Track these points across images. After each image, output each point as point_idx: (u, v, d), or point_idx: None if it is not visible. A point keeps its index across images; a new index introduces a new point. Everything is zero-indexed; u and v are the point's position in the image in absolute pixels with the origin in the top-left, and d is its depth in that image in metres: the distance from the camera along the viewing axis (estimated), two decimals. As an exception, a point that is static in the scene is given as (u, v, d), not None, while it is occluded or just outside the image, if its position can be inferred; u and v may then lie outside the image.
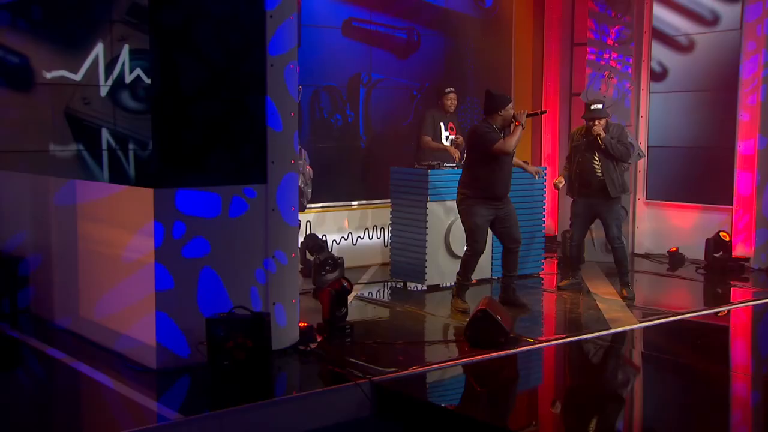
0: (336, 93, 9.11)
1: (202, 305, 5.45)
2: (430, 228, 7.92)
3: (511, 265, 7.32)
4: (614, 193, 7.69)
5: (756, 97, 9.00)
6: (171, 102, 5.32)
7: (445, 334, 6.68)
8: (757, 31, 9.00)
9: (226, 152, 5.54)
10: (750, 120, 9.07)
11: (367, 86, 9.34)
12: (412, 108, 9.64)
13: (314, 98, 8.95)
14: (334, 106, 9.11)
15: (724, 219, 9.39)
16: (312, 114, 8.94)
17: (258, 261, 5.67)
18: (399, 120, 9.60)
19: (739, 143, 9.18)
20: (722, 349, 6.66)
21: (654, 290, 8.54)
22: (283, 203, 5.76)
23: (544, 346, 6.27)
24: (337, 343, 6.09)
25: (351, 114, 9.23)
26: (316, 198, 8.44)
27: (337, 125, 9.14)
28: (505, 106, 7.03)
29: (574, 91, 10.67)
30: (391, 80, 9.49)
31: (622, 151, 7.71)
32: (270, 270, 5.72)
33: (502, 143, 6.90)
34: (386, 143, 9.47)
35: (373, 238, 9.32)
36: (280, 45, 5.69)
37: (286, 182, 5.78)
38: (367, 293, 7.96)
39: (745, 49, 9.10)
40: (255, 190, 5.63)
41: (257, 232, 5.65)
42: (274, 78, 5.66)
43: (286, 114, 5.76)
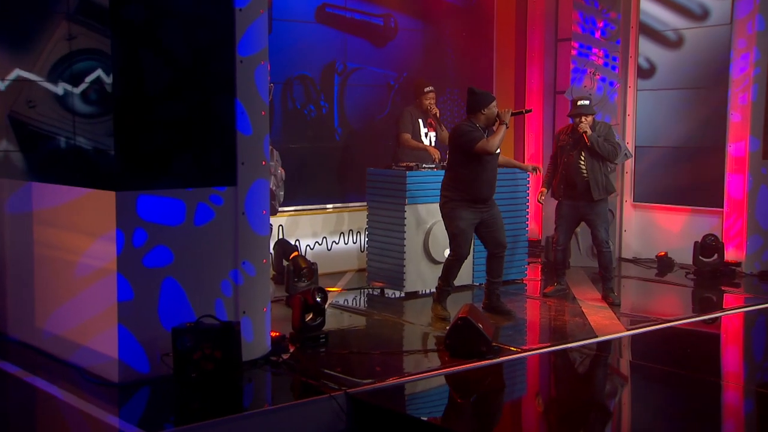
0: (309, 82, 9.07)
1: (163, 318, 5.40)
2: (409, 232, 7.91)
3: (495, 271, 7.33)
4: (597, 195, 7.75)
5: (747, 96, 9.06)
6: (134, 102, 5.28)
7: (424, 343, 6.67)
8: (747, 28, 9.06)
9: (192, 156, 5.52)
10: (741, 121, 9.13)
11: (342, 75, 9.30)
12: (390, 99, 9.64)
13: (286, 88, 8.89)
14: (308, 97, 9.07)
15: (715, 222, 9.46)
16: (284, 105, 8.89)
17: (224, 272, 5.64)
18: (376, 111, 9.59)
19: (729, 145, 9.24)
20: (713, 358, 6.69)
21: (642, 296, 8.58)
22: (253, 210, 5.74)
23: (528, 355, 6.27)
24: (310, 354, 6.07)
25: (325, 105, 9.20)
26: (288, 200, 8.41)
27: (310, 116, 9.10)
28: (489, 104, 7.04)
29: (559, 89, 10.71)
30: (367, 69, 9.47)
31: (609, 150, 7.76)
32: (237, 282, 5.68)
33: (485, 143, 6.91)
34: (362, 136, 9.46)
35: (348, 243, 9.30)
36: (250, 44, 5.67)
37: (256, 188, 5.76)
38: (343, 301, 7.94)
39: (735, 47, 9.16)
40: (222, 197, 5.61)
41: (224, 241, 5.62)
42: (243, 79, 5.64)
43: (257, 117, 5.73)
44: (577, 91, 9.64)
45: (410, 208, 7.93)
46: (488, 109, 7.04)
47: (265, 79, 5.80)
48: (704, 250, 9.00)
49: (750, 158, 9.08)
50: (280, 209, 8.18)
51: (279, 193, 7.58)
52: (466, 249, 7.16)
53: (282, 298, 7.57)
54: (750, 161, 9.08)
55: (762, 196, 9.18)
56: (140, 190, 5.32)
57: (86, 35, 5.56)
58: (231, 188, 5.65)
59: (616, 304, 7.72)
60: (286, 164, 8.15)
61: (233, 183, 5.65)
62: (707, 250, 8.98)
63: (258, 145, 5.76)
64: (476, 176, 7.00)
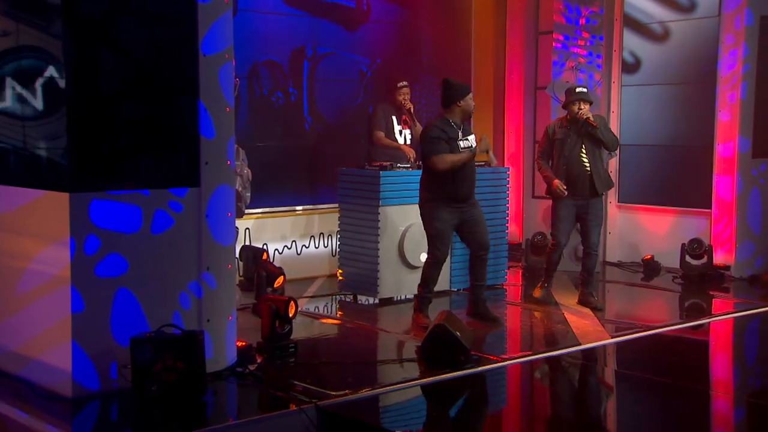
0: (277, 68, 9.03)
1: (116, 331, 5.34)
2: (383, 235, 7.91)
3: (479, 274, 7.33)
4: (601, 189, 7.76)
5: (736, 95, 9.11)
6: (88, 102, 5.23)
7: (399, 353, 6.67)
8: (735, 23, 9.11)
9: (151, 159, 5.47)
10: (730, 120, 9.17)
11: (312, 60, 9.26)
12: (362, 86, 9.63)
13: (253, 74, 8.84)
14: (275, 83, 9.02)
15: (703, 224, 9.52)
16: (251, 91, 8.85)
17: (183, 283, 5.60)
18: (348, 99, 9.57)
19: (717, 145, 9.29)
20: (702, 366, 6.73)
21: (627, 302, 8.62)
22: (216, 216, 5.70)
23: (508, 364, 6.28)
24: (279, 364, 6.04)
25: (294, 92, 9.16)
26: (255, 202, 8.37)
27: (278, 104, 9.06)
28: (464, 96, 7.06)
29: (540, 84, 10.74)
30: (338, 55, 9.45)
31: (612, 139, 7.82)
32: (196, 294, 5.64)
33: (438, 159, 6.90)
34: (333, 125, 9.44)
35: (319, 247, 9.28)
36: (214, 41, 5.64)
37: (219, 194, 5.72)
38: (313, 308, 7.92)
39: (723, 43, 9.20)
40: (182, 203, 5.56)
41: (183, 250, 5.58)
42: (207, 78, 5.61)
43: (221, 118, 5.70)
44: (558, 86, 9.67)
45: (384, 210, 7.92)
46: (464, 101, 7.06)
47: (231, 79, 5.77)
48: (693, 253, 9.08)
49: (739, 159, 9.13)
50: (246, 211, 8.14)
51: (245, 194, 7.55)
52: (444, 251, 7.16)
53: (249, 306, 7.52)
54: (739, 162, 9.13)
55: (753, 199, 9.23)
56: (95, 194, 5.24)
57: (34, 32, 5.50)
58: (192, 193, 5.60)
59: (599, 309, 7.75)
60: (252, 163, 8.11)
61: (195, 186, 5.60)
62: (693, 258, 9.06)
63: (222, 148, 5.73)
64: (453, 174, 7.00)
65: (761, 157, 9.23)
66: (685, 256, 9.11)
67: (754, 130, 9.15)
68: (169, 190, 5.53)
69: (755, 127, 9.16)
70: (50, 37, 5.32)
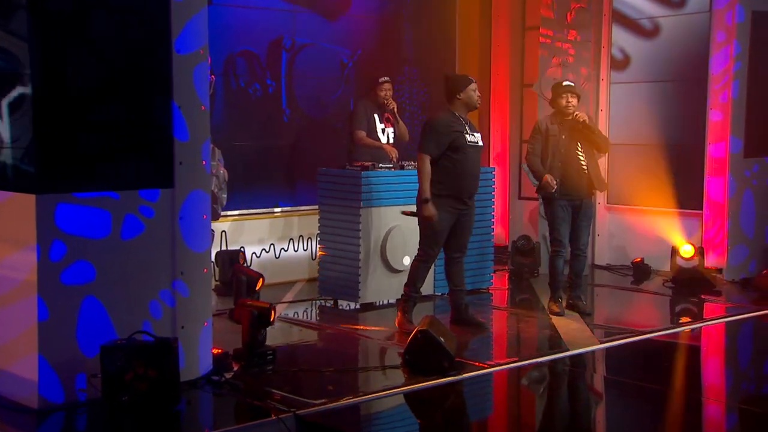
0: (254, 59, 8.99)
1: (82, 341, 5.29)
2: (364, 238, 7.89)
3: (459, 278, 7.32)
4: (601, 187, 7.73)
5: (727, 94, 9.12)
6: (56, 101, 5.19)
7: (381, 360, 6.67)
8: (726, 19, 9.11)
9: (122, 161, 5.44)
10: (721, 119, 9.18)
11: (291, 52, 9.23)
12: (343, 78, 9.60)
13: (228, 65, 8.79)
14: (252, 74, 8.98)
15: (694, 226, 9.54)
16: (226, 83, 8.80)
17: (153, 291, 5.56)
18: (328, 92, 9.54)
19: (709, 145, 9.29)
20: (693, 372, 6.75)
21: (616, 306, 8.64)
22: (189, 223, 5.66)
23: (494, 371, 6.27)
24: (256, 372, 6.02)
25: (272, 83, 9.13)
26: (231, 203, 8.32)
27: (255, 96, 9.02)
28: (464, 87, 7.09)
29: (526, 81, 10.75)
30: (318, 46, 9.42)
31: (604, 138, 7.81)
32: (168, 303, 5.60)
33: (423, 159, 6.91)
34: (313, 119, 9.41)
35: (298, 250, 9.25)
36: (189, 40, 5.61)
37: (193, 199, 5.68)
38: (293, 313, 7.89)
39: (714, 40, 9.21)
40: (153, 208, 5.53)
41: (154, 257, 5.54)
42: (181, 78, 5.58)
43: (195, 121, 5.67)
44: (545, 83, 9.67)
45: (366, 212, 7.90)
46: (464, 93, 7.09)
47: (206, 79, 5.75)
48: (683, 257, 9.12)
49: (731, 160, 9.14)
50: (222, 213, 8.09)
51: (221, 195, 7.50)
52: (438, 251, 7.17)
53: (225, 311, 7.48)
54: (731, 163, 9.14)
55: (746, 201, 9.25)
56: (61, 197, 5.20)
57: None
58: (165, 197, 5.56)
59: (588, 313, 7.75)
60: (228, 163, 8.04)
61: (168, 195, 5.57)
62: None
63: (196, 151, 5.69)
64: (457, 168, 6.98)
65: (753, 156, 9.25)
66: (675, 259, 9.13)
67: (746, 129, 9.18)
68: (141, 195, 5.49)
69: (747, 126, 9.19)
70: (16, 31, 5.26)
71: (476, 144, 7.11)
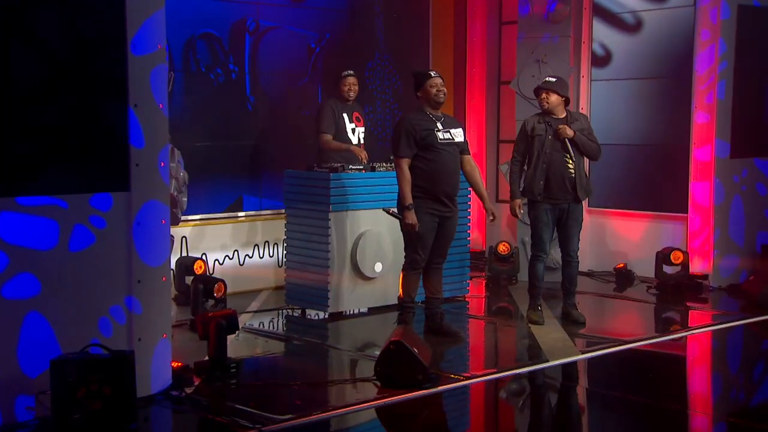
0: (216, 42, 8.93)
1: (23, 359, 5.21)
2: (334, 244, 7.87)
3: (436, 285, 7.34)
4: (583, 195, 7.67)
5: (713, 95, 9.15)
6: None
7: (352, 372, 6.65)
8: (711, 16, 9.13)
9: (70, 169, 5.38)
10: (707, 122, 9.19)
11: (254, 35, 9.19)
12: (310, 64, 9.57)
13: (188, 48, 8.73)
14: (214, 58, 8.93)
15: (679, 229, 9.59)
16: (186, 67, 8.74)
17: (104, 307, 5.50)
18: (294, 79, 9.51)
19: (694, 149, 9.31)
20: (678, 383, 6.77)
21: (599, 314, 8.65)
22: (143, 235, 5.61)
23: (471, 383, 6.27)
24: (219, 386, 5.99)
25: (234, 69, 9.08)
26: (192, 207, 8.28)
27: (217, 81, 8.97)
28: (421, 84, 7.11)
29: (504, 78, 10.76)
30: (284, 29, 9.38)
31: (594, 149, 7.72)
32: (117, 320, 5.54)
33: (403, 165, 6.95)
34: (279, 107, 9.38)
35: (264, 257, 9.22)
36: (146, 41, 5.56)
37: (148, 210, 5.63)
38: (258, 324, 7.86)
39: (698, 39, 9.24)
40: (104, 218, 5.47)
41: (106, 270, 5.48)
42: (136, 82, 5.54)
43: (151, 127, 5.62)
44: (523, 81, 9.68)
45: (335, 216, 7.88)
46: (423, 90, 7.12)
47: (163, 83, 5.71)
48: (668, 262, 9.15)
49: (718, 164, 9.16)
50: (182, 218, 8.04)
51: (181, 199, 7.46)
52: (425, 256, 7.17)
53: (186, 322, 7.45)
54: (718, 168, 9.15)
55: (735, 208, 9.26)
56: (3, 205, 5.12)
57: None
58: (117, 207, 5.51)
59: (581, 322, 7.76)
60: (189, 162, 7.98)
61: (122, 202, 5.52)
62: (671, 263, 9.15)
63: (152, 159, 5.64)
64: (430, 168, 7.01)
65: (741, 157, 9.28)
66: (660, 265, 9.17)
67: (732, 132, 9.18)
68: (91, 204, 5.44)
69: (733, 129, 9.18)
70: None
71: (451, 141, 7.12)
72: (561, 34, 9.73)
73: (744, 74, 9.23)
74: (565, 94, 7.72)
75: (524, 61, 9.77)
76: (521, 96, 9.64)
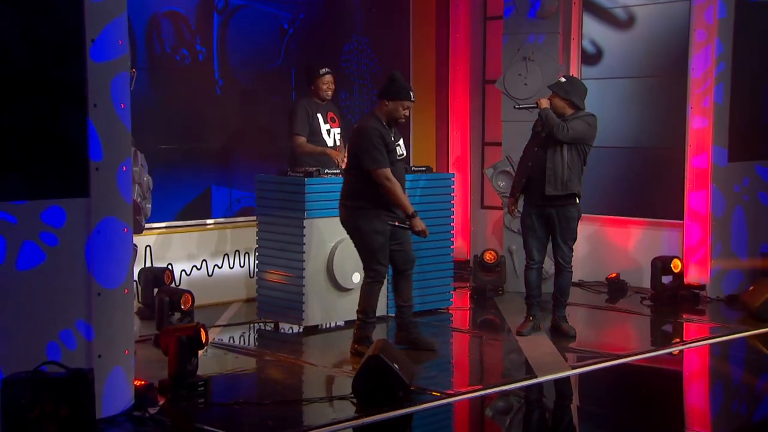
0: (181, 20, 8.88)
1: None
2: (309, 253, 7.85)
3: (407, 293, 7.36)
4: (550, 190, 7.50)
5: (709, 99, 9.15)
6: None
7: (328, 389, 6.63)
8: (706, 16, 9.13)
9: (20, 181, 5.33)
10: (704, 128, 9.18)
11: (223, 14, 9.15)
12: (283, 45, 9.54)
13: (152, 26, 8.68)
14: (179, 38, 8.88)
15: (674, 237, 9.60)
16: (150, 48, 8.68)
17: (53, 332, 5.42)
18: (266, 61, 9.49)
19: (691, 157, 9.29)
20: (674, 400, 6.76)
21: (590, 327, 8.66)
22: (100, 253, 5.54)
23: (454, 400, 6.26)
24: (185, 406, 5.98)
25: (202, 50, 9.03)
26: (157, 214, 8.23)
27: (183, 62, 8.92)
28: (398, 98, 7.11)
29: (489, 77, 10.76)
30: (255, 8, 9.35)
31: (553, 124, 7.49)
32: (67, 346, 5.47)
33: (388, 176, 6.97)
34: (250, 92, 9.34)
35: (234, 267, 9.19)
36: (107, 47, 5.52)
37: (105, 226, 5.57)
38: (228, 338, 7.84)
39: (693, 40, 9.24)
40: (56, 235, 5.41)
41: (56, 290, 5.41)
42: (96, 91, 5.49)
43: (111, 139, 5.56)
44: (510, 80, 9.66)
45: (310, 224, 7.87)
46: (393, 104, 7.13)
47: (126, 92, 5.67)
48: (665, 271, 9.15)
49: (716, 172, 9.14)
50: (146, 226, 7.97)
51: (145, 205, 7.39)
52: (387, 266, 7.21)
53: (150, 337, 7.40)
54: (717, 176, 9.14)
55: (737, 220, 9.24)
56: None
57: None
58: (72, 222, 5.45)
59: (572, 336, 7.78)
60: (153, 166, 7.92)
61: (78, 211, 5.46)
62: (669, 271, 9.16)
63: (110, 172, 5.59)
64: None
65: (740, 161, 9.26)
66: (655, 275, 9.17)
67: (730, 138, 9.15)
68: (43, 220, 5.37)
69: (731, 135, 9.16)
70: None
71: (403, 156, 7.31)
72: (549, 31, 9.73)
73: (743, 75, 9.22)
74: (568, 97, 7.69)
75: (510, 58, 9.75)
76: (507, 96, 9.62)
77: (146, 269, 8.44)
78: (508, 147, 9.57)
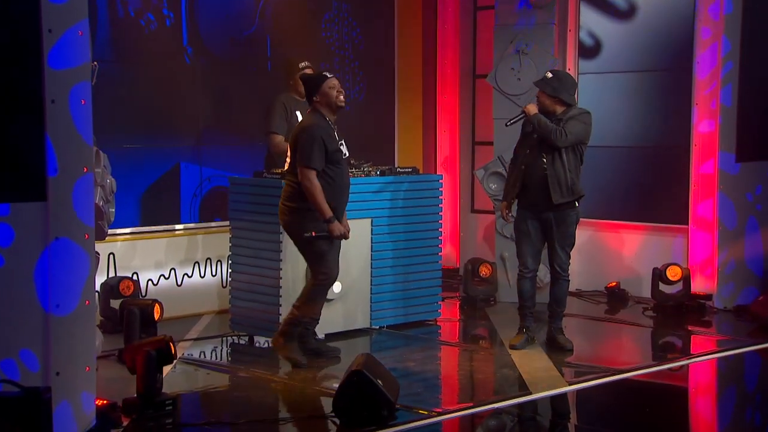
0: None
1: None
2: (286, 261, 7.85)
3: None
4: (557, 198, 7.51)
5: (716, 102, 9.15)
6: None
7: (307, 408, 6.61)
8: (710, 12, 9.16)
9: None
10: (711, 131, 9.19)
11: None
12: (257, 12, 9.54)
13: None
14: (144, 2, 8.84)
15: (679, 243, 9.61)
16: (112, 12, 8.64)
17: None
18: (238, 29, 9.50)
19: (697, 162, 9.32)
20: (679, 418, 6.77)
21: (588, 339, 8.68)
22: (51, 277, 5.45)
23: (443, 419, 6.27)
24: (152, 427, 5.96)
25: (169, 14, 9.00)
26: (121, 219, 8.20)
27: (149, 29, 8.89)
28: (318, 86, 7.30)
29: (479, 71, 10.78)
30: None
31: (547, 131, 7.50)
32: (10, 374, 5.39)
33: (313, 178, 7.10)
34: (221, 62, 9.35)
35: (206, 276, 9.20)
36: (66, 54, 5.47)
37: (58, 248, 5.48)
38: (198, 353, 7.84)
39: (698, 39, 9.28)
40: (4, 256, 5.34)
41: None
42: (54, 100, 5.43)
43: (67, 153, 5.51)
44: (502, 75, 9.67)
45: (287, 229, 7.85)
46: (320, 94, 7.32)
47: (87, 106, 5.63)
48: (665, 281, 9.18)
49: (725, 179, 9.15)
50: (109, 231, 7.95)
51: (108, 209, 7.37)
52: (338, 268, 7.43)
53: (113, 353, 7.37)
54: (726, 183, 9.15)
55: (751, 230, 9.26)
56: None
57: None
58: (19, 242, 5.35)
59: (568, 349, 7.79)
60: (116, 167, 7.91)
61: (22, 236, 5.36)
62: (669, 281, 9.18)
63: (65, 189, 5.52)
64: (336, 183, 7.25)
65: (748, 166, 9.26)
66: (657, 284, 9.18)
67: (739, 142, 9.15)
68: None
69: (740, 138, 9.16)
70: None
71: (347, 155, 7.57)
72: (544, 21, 9.74)
73: (753, 74, 9.20)
74: (555, 94, 7.66)
75: (502, 51, 9.76)
76: (499, 92, 9.63)
77: (110, 279, 8.40)
78: (500, 147, 9.57)
